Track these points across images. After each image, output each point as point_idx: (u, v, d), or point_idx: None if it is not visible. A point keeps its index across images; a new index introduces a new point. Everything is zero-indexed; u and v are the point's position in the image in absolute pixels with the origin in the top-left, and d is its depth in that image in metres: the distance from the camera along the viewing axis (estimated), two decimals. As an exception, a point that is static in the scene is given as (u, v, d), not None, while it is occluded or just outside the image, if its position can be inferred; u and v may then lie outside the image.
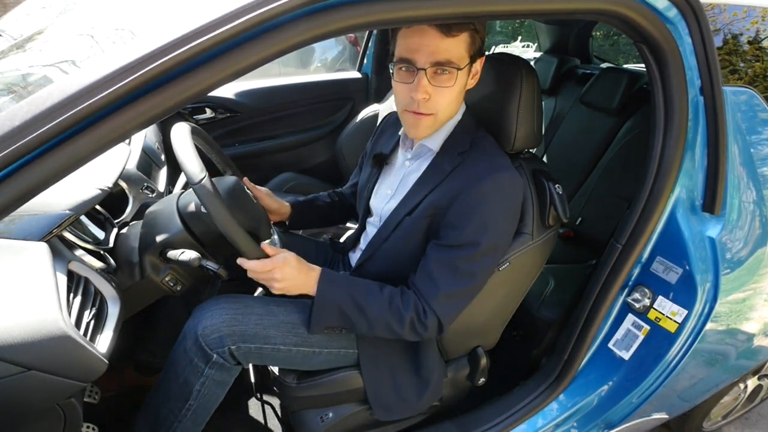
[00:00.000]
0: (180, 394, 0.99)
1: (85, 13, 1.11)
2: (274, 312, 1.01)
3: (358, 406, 1.10)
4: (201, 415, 1.02)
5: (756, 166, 1.05)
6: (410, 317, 0.94)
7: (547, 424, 1.20)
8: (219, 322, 0.96)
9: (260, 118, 2.28)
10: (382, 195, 1.11)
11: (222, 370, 0.98)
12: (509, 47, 6.30)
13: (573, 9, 0.82)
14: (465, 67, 0.88)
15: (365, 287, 0.98)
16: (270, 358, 1.01)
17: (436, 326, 0.96)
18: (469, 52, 0.88)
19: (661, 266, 1.06)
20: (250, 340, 0.97)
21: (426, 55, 0.85)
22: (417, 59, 0.86)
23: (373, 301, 0.95)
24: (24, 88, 0.89)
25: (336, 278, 0.99)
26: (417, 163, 1.04)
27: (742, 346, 1.24)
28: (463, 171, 0.95)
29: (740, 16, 1.05)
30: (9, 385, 0.65)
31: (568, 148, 2.15)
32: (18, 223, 0.78)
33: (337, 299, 0.96)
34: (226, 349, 0.95)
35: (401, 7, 0.67)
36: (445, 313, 0.95)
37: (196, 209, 1.02)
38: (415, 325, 0.95)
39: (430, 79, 0.87)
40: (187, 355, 0.97)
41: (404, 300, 0.95)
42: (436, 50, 0.84)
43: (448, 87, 0.88)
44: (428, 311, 0.94)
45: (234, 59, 0.62)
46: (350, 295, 0.95)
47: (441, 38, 0.83)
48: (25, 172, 0.58)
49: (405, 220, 0.99)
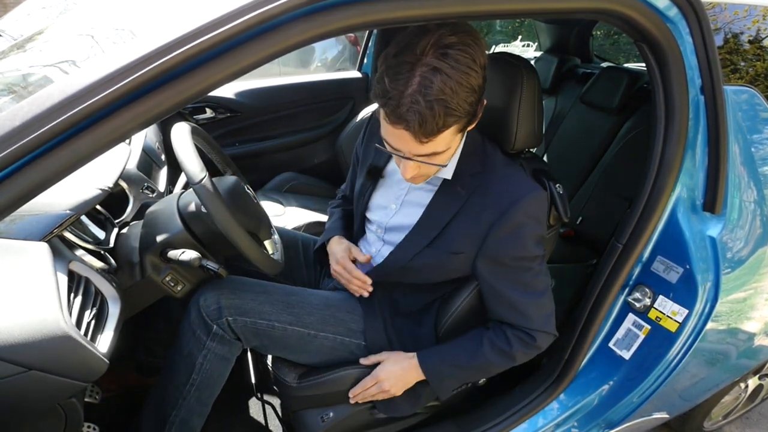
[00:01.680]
0: (184, 369, 1.03)
1: (85, 13, 1.11)
2: (270, 291, 1.06)
3: (359, 405, 1.09)
4: (204, 393, 1.05)
5: (757, 165, 1.05)
6: (518, 350, 0.99)
7: (548, 424, 1.20)
8: (218, 294, 1.01)
9: (260, 118, 2.28)
10: (383, 209, 1.08)
11: (223, 343, 1.02)
12: (509, 47, 6.29)
13: (573, 8, 0.82)
14: (456, 143, 0.85)
15: (461, 348, 1.03)
16: (266, 337, 1.03)
17: (547, 338, 1.01)
18: (459, 131, 0.82)
19: (661, 266, 1.06)
20: (247, 314, 1.01)
21: (409, 150, 0.81)
22: (401, 151, 0.83)
23: (474, 356, 1.01)
24: (24, 88, 0.89)
25: (433, 355, 1.03)
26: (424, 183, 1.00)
27: (742, 345, 1.24)
28: (486, 199, 0.93)
29: (741, 15, 1.04)
30: (10, 385, 0.65)
31: (569, 148, 2.15)
32: (18, 223, 0.78)
33: (444, 373, 1.03)
34: (224, 320, 1.00)
35: (401, 6, 0.67)
36: (546, 324, 1.00)
37: (196, 209, 1.02)
38: (528, 352, 1.01)
39: (419, 162, 0.83)
40: (190, 327, 1.02)
41: (500, 338, 1.00)
42: (418, 149, 0.80)
43: (438, 164, 0.85)
44: (533, 333, 0.98)
45: (234, 59, 0.62)
46: (452, 364, 1.02)
47: (418, 145, 0.79)
48: (25, 172, 0.58)
49: (425, 251, 0.98)
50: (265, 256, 0.98)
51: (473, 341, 1.02)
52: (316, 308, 1.07)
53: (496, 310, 1.00)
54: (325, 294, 1.15)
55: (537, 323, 0.98)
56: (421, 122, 0.74)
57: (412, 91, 0.73)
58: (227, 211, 0.90)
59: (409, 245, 1.00)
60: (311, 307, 1.07)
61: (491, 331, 1.02)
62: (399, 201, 1.05)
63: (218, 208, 0.89)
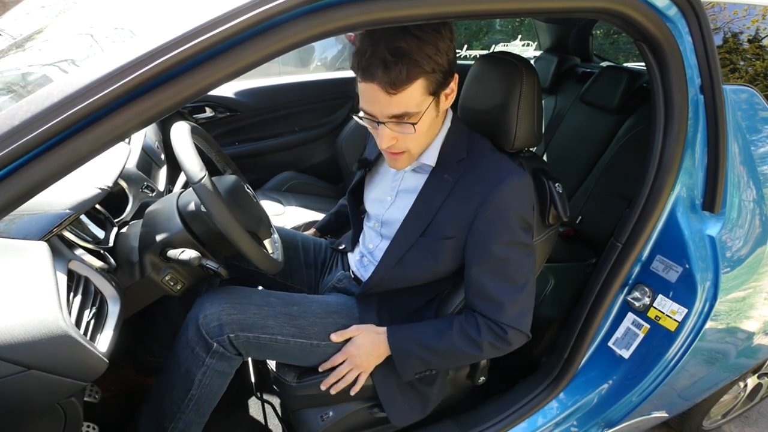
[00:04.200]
0: (182, 384, 1.00)
1: (84, 12, 1.11)
2: (273, 303, 1.03)
3: (359, 404, 1.10)
4: (203, 407, 1.03)
5: (756, 164, 1.05)
6: (486, 340, 0.97)
7: (547, 423, 1.21)
8: (219, 310, 0.98)
9: (260, 118, 2.28)
10: (379, 201, 1.11)
11: (222, 359, 0.99)
12: (509, 46, 6.28)
13: (573, 7, 0.82)
14: (427, 107, 0.87)
15: (432, 328, 1.02)
16: (268, 350, 1.02)
17: (518, 336, 0.99)
18: (428, 92, 0.85)
19: (661, 265, 1.06)
20: (249, 329, 0.98)
21: (380, 110, 0.85)
22: (375, 114, 0.87)
23: (442, 339, 0.99)
24: (24, 88, 0.89)
25: (402, 332, 1.03)
26: (415, 171, 1.04)
27: (742, 344, 1.24)
28: (470, 182, 0.95)
29: (740, 14, 1.04)
30: (9, 385, 0.65)
31: (569, 147, 2.15)
32: (18, 222, 0.78)
33: (412, 351, 1.01)
34: (225, 338, 0.97)
35: (401, 6, 0.67)
36: (520, 322, 0.98)
37: (196, 208, 1.02)
38: (496, 345, 0.98)
39: (393, 128, 0.87)
40: (188, 344, 0.98)
41: (471, 325, 0.98)
42: (388, 106, 0.84)
43: (411, 132, 0.88)
44: (505, 327, 0.97)
45: (233, 58, 0.62)
46: (420, 343, 1.00)
47: (388, 96, 0.82)
48: (25, 171, 0.58)
49: (420, 241, 1.00)
50: (264, 255, 0.98)
51: (444, 323, 1.02)
52: (318, 317, 1.06)
53: (472, 300, 1.00)
54: (327, 300, 1.14)
55: (510, 317, 0.96)
56: (385, 69, 0.79)
57: (381, 47, 0.80)
58: (227, 210, 0.89)
59: (405, 234, 1.02)
60: (314, 317, 1.05)
61: (464, 316, 1.01)
62: (394, 192, 1.07)
63: (218, 207, 0.89)
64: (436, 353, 1.00)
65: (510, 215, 0.93)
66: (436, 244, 0.98)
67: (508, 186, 0.92)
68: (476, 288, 0.98)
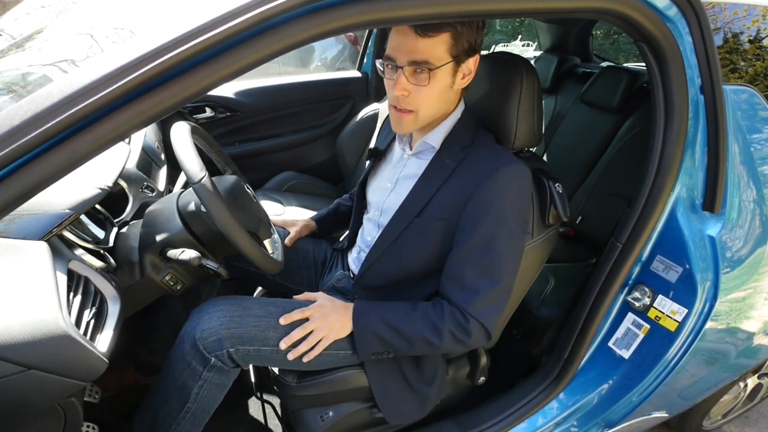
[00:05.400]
0: (178, 397, 0.99)
1: (84, 12, 1.11)
2: (273, 313, 1.00)
3: (358, 404, 1.10)
4: (199, 417, 1.02)
5: (756, 164, 1.05)
6: (447, 328, 0.94)
7: (547, 423, 1.20)
8: (217, 325, 0.94)
9: (260, 118, 2.28)
10: (381, 188, 1.12)
11: (220, 373, 0.97)
12: (509, 46, 6.29)
13: (573, 7, 0.82)
14: (444, 66, 0.88)
15: (398, 308, 1.00)
16: (269, 360, 1.01)
17: (480, 331, 0.95)
18: (451, 53, 0.88)
19: (661, 265, 1.06)
20: (249, 342, 0.96)
21: (404, 53, 0.87)
22: (397, 58, 0.88)
23: (405, 319, 0.97)
24: (23, 88, 0.89)
25: (368, 306, 1.02)
26: (417, 158, 1.05)
27: (742, 344, 1.24)
28: (469, 167, 0.96)
29: (741, 14, 1.04)
30: (9, 385, 0.65)
31: (569, 147, 2.15)
32: (18, 222, 0.78)
33: (372, 325, 0.98)
34: (224, 352, 0.94)
35: (401, 6, 0.67)
36: (486, 317, 0.95)
37: (196, 208, 1.02)
38: (456, 335, 0.95)
39: (409, 77, 0.89)
40: (184, 358, 0.96)
41: (436, 311, 0.96)
42: (413, 50, 0.86)
43: (425, 86, 0.89)
44: (468, 317, 0.94)
45: (233, 58, 0.62)
46: (383, 319, 0.98)
47: (416, 38, 0.85)
48: (24, 171, 0.58)
49: (414, 222, 0.99)
50: (264, 255, 0.98)
51: (410, 305, 1.00)
52: None
53: (444, 283, 0.98)
54: None
55: (477, 309, 0.94)
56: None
57: None
58: (227, 210, 0.89)
59: (401, 215, 1.02)
60: None
61: (431, 302, 0.99)
62: (394, 179, 1.09)
63: (218, 207, 0.89)
64: (396, 333, 0.97)
65: (503, 202, 0.92)
66: (429, 225, 0.98)
67: (504, 174, 0.92)
68: (452, 270, 0.96)
